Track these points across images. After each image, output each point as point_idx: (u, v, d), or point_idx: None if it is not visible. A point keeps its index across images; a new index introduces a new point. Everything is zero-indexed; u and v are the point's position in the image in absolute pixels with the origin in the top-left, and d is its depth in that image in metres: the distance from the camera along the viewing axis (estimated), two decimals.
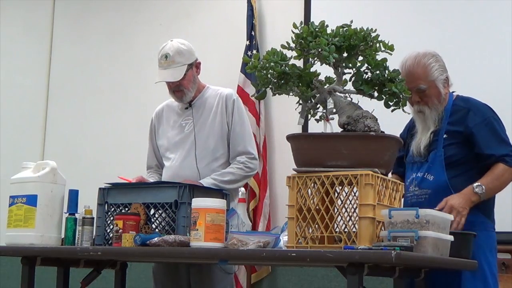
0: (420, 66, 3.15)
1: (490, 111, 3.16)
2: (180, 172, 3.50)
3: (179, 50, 3.52)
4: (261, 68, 2.72)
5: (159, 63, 3.54)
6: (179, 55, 3.52)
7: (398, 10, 4.70)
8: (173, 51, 3.51)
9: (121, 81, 5.86)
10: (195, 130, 3.57)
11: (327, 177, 2.61)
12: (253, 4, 5.16)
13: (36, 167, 3.25)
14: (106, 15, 6.04)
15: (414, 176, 3.20)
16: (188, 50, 3.56)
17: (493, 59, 4.33)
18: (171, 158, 3.60)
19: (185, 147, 3.57)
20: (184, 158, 3.56)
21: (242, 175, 3.53)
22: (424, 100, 3.16)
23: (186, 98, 3.58)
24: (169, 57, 3.50)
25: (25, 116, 6.24)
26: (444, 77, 3.19)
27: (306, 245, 2.63)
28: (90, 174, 5.47)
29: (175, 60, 3.51)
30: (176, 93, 3.57)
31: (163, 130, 3.69)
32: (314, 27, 2.68)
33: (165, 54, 3.52)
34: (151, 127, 3.76)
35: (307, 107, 2.76)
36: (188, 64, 3.54)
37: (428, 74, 3.15)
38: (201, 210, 2.67)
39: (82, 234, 3.11)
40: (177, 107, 3.68)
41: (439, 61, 3.20)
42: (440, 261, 2.62)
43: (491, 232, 3.12)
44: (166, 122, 3.69)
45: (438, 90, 3.16)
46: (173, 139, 3.62)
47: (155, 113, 3.77)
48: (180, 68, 3.52)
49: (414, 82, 3.12)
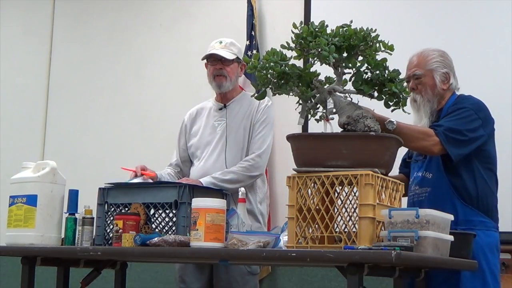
0: (422, 55, 3.26)
1: (475, 105, 3.13)
2: (210, 172, 3.54)
3: (233, 42, 3.70)
4: (261, 68, 2.72)
5: (211, 47, 3.66)
6: (233, 45, 3.68)
7: (398, 10, 4.69)
8: (228, 41, 3.67)
9: (121, 81, 5.86)
10: (227, 131, 3.61)
11: (327, 177, 2.61)
12: (253, 4, 5.16)
13: (36, 167, 3.25)
14: (106, 15, 6.03)
15: (415, 175, 3.21)
16: (240, 48, 3.73)
17: (493, 59, 4.32)
18: (201, 157, 3.64)
19: (216, 147, 3.61)
20: (214, 158, 3.60)
21: (246, 175, 3.54)
22: (418, 89, 3.21)
23: (224, 86, 3.64)
24: (224, 42, 3.65)
25: (25, 116, 6.23)
26: (443, 72, 3.21)
27: (306, 245, 2.63)
28: (90, 174, 5.47)
29: (229, 47, 3.65)
30: (217, 78, 3.64)
31: (195, 130, 3.74)
32: (314, 27, 2.68)
33: (219, 40, 3.67)
34: (182, 127, 3.82)
35: (307, 107, 2.76)
36: (238, 56, 3.67)
37: (427, 63, 3.22)
38: (201, 210, 2.67)
39: (82, 234, 3.11)
40: (211, 108, 3.73)
41: (444, 57, 3.25)
42: (440, 261, 2.62)
43: (492, 231, 3.10)
44: (200, 122, 3.75)
45: (434, 82, 3.20)
46: (205, 138, 3.68)
47: (188, 114, 3.83)
48: (232, 53, 3.65)
49: (412, 69, 3.23)
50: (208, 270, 3.55)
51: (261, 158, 3.58)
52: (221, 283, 3.49)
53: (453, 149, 3.01)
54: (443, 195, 3.05)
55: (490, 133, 3.16)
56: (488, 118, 3.15)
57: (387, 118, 2.92)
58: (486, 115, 3.14)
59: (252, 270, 3.51)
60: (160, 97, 5.54)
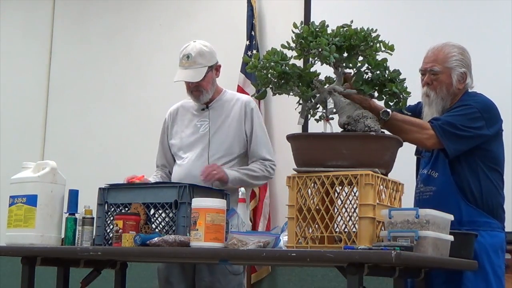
0: (443, 50, 3.16)
1: (480, 104, 3.08)
2: (192, 172, 3.53)
3: (201, 52, 3.56)
4: (261, 68, 2.73)
5: (180, 63, 3.58)
6: (200, 57, 3.55)
7: (398, 10, 4.70)
8: (195, 52, 3.54)
9: (121, 81, 5.86)
10: (210, 132, 3.60)
11: (327, 177, 2.61)
12: (253, 4, 5.16)
13: (36, 167, 3.24)
14: (106, 15, 6.03)
15: (421, 172, 3.19)
16: (210, 52, 3.59)
17: (493, 59, 4.33)
18: (184, 158, 3.62)
19: (199, 148, 3.60)
20: (197, 159, 3.58)
21: (264, 175, 3.60)
22: (434, 85, 3.14)
23: (203, 98, 3.61)
24: (191, 57, 3.54)
25: (25, 116, 6.23)
26: (461, 72, 3.14)
27: (306, 245, 2.63)
28: (90, 174, 5.47)
29: (197, 61, 3.54)
30: (194, 93, 3.60)
31: (176, 129, 3.71)
32: (314, 27, 2.68)
33: (187, 54, 3.55)
34: (164, 126, 3.78)
35: (307, 107, 2.76)
36: (209, 66, 3.57)
37: (447, 60, 3.14)
38: (201, 210, 2.67)
39: (82, 234, 3.11)
40: (193, 108, 3.70)
41: (464, 56, 3.17)
42: (440, 261, 2.62)
43: (497, 232, 3.06)
44: (181, 122, 3.71)
45: (451, 81, 3.13)
46: (187, 139, 3.65)
47: (169, 113, 3.79)
48: (200, 69, 3.55)
49: (430, 63, 3.15)
50: (191, 271, 3.54)
51: (276, 165, 3.66)
52: (204, 283, 3.47)
53: (449, 144, 2.98)
54: (448, 195, 3.03)
55: (495, 134, 3.10)
56: (494, 118, 3.09)
57: (383, 108, 2.88)
58: (492, 115, 3.09)
59: (233, 270, 3.49)
60: (160, 97, 5.54)
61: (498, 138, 3.13)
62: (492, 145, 3.09)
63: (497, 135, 3.13)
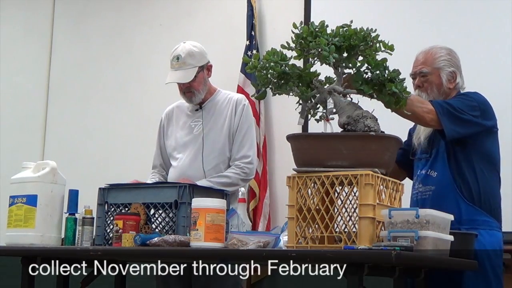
0: (430, 53, 3.24)
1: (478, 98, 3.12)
2: (187, 173, 3.53)
3: (191, 52, 3.56)
4: (261, 68, 2.72)
5: (171, 65, 3.59)
6: (190, 57, 3.55)
7: (398, 10, 4.70)
8: (185, 53, 3.55)
9: (121, 81, 5.86)
10: (204, 132, 3.60)
11: (327, 177, 2.61)
12: (253, 4, 5.16)
13: (36, 167, 3.24)
14: (106, 15, 6.03)
15: (418, 173, 3.20)
16: (199, 53, 3.59)
17: (493, 59, 4.33)
18: (178, 158, 3.62)
19: (193, 148, 3.60)
20: (191, 159, 3.58)
21: (239, 178, 3.54)
22: (424, 86, 3.21)
23: (196, 99, 3.61)
24: (181, 58, 3.54)
25: (25, 116, 6.23)
26: (450, 71, 3.20)
27: (306, 245, 2.64)
28: (90, 174, 5.47)
29: (187, 62, 3.54)
30: (187, 94, 3.60)
31: (172, 130, 3.72)
32: (314, 27, 2.68)
33: (176, 55, 3.56)
34: (160, 126, 3.78)
35: (307, 107, 2.76)
36: (199, 66, 3.57)
37: (434, 61, 3.21)
38: (201, 210, 2.67)
39: (82, 234, 3.11)
40: (187, 108, 3.70)
41: (451, 56, 3.24)
42: (440, 261, 2.62)
43: (496, 231, 3.08)
44: (176, 123, 3.72)
45: (440, 81, 3.19)
46: (182, 139, 3.65)
47: (165, 113, 3.79)
48: (191, 70, 3.55)
49: (419, 66, 3.22)
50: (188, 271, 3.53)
51: (253, 163, 3.59)
52: (200, 283, 3.47)
53: (447, 123, 3.00)
54: (447, 194, 3.04)
55: (489, 129, 3.12)
56: (489, 113, 3.12)
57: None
58: (488, 109, 3.12)
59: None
60: (160, 97, 5.53)
61: (492, 135, 3.16)
62: (487, 142, 3.12)
63: (492, 131, 3.15)
